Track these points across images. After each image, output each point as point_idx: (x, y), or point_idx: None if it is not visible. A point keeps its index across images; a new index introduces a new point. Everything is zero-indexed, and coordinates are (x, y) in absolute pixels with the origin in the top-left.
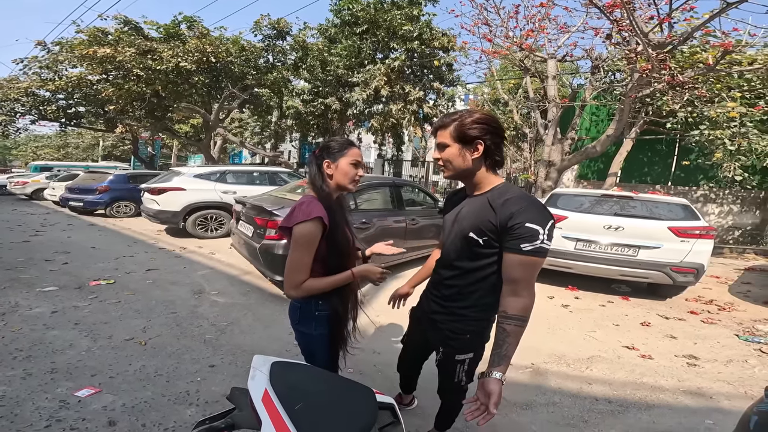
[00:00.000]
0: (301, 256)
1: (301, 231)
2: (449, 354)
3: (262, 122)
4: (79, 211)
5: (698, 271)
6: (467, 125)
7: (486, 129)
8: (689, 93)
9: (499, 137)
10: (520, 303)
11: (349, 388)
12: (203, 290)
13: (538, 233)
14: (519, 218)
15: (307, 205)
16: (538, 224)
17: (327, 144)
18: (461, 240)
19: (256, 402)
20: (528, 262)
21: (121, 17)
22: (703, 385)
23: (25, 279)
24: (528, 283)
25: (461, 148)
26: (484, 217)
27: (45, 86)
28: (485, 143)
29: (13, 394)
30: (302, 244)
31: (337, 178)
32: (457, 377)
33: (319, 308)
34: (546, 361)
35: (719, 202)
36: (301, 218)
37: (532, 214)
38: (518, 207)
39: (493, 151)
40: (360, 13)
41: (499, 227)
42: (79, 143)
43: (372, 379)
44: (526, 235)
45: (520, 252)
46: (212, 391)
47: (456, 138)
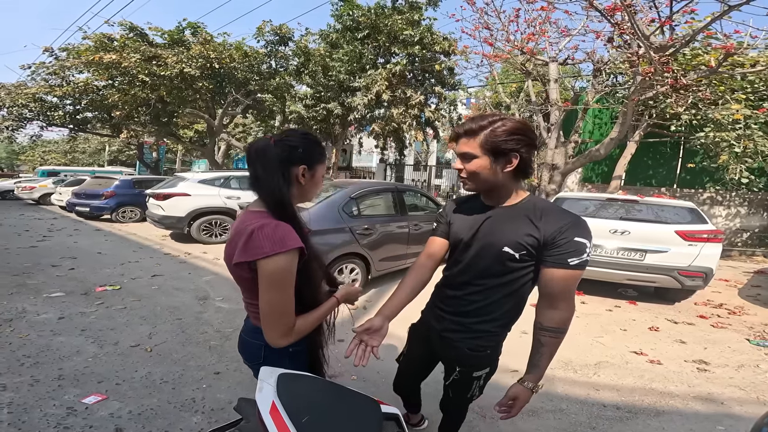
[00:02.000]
0: (285, 297)
1: (274, 268)
2: (467, 372)
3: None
4: (85, 216)
5: (707, 275)
6: (501, 136)
7: (522, 141)
8: (693, 95)
9: (534, 148)
10: (557, 315)
11: (354, 400)
12: (208, 296)
13: (586, 247)
14: (568, 233)
15: (273, 230)
16: (585, 238)
17: (308, 141)
18: (491, 256)
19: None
20: (572, 276)
21: (126, 23)
22: (714, 390)
23: (33, 284)
24: (568, 295)
25: (493, 161)
26: (523, 231)
27: (52, 92)
28: (520, 156)
29: (21, 401)
30: (280, 284)
31: (308, 191)
32: (471, 392)
33: (293, 344)
34: (552, 367)
35: (726, 205)
36: (270, 250)
37: (580, 229)
38: (565, 222)
39: (526, 163)
40: (361, 18)
41: (543, 241)
42: (85, 148)
43: (375, 387)
44: (572, 249)
45: (567, 266)
46: (218, 398)
47: (487, 149)
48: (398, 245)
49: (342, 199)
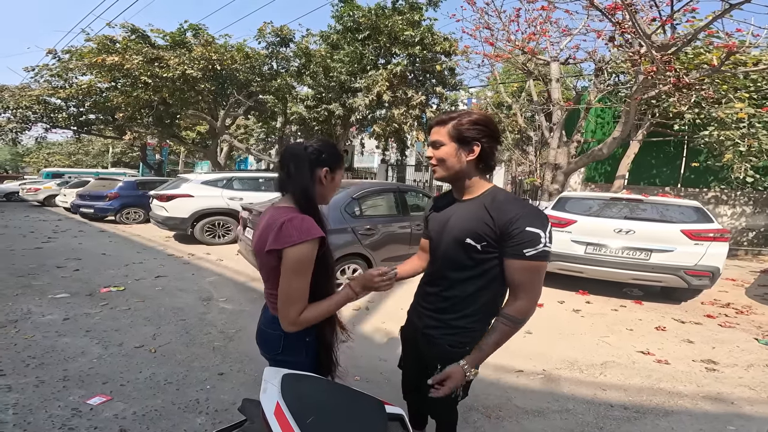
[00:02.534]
0: (302, 285)
1: (299, 254)
2: None
3: (267, 128)
4: (89, 217)
5: (713, 274)
6: (465, 125)
7: (484, 131)
8: (696, 94)
9: (495, 141)
10: (516, 304)
11: (359, 400)
12: (211, 297)
13: (540, 237)
14: (519, 223)
15: (300, 221)
16: (539, 228)
17: (331, 148)
18: (456, 248)
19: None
20: (530, 267)
21: (128, 25)
22: (723, 390)
23: (38, 286)
24: (530, 287)
25: (458, 148)
26: (482, 222)
27: (56, 94)
28: (482, 145)
29: (26, 402)
30: (301, 270)
31: (327, 191)
32: (454, 392)
33: (309, 332)
34: (558, 367)
35: (731, 204)
36: (297, 238)
37: (532, 218)
38: (517, 212)
39: (488, 154)
40: (361, 19)
41: (498, 232)
42: (89, 150)
43: (379, 387)
44: (526, 240)
45: (522, 257)
46: (221, 399)
47: (453, 137)
48: (400, 245)
49: (344, 199)
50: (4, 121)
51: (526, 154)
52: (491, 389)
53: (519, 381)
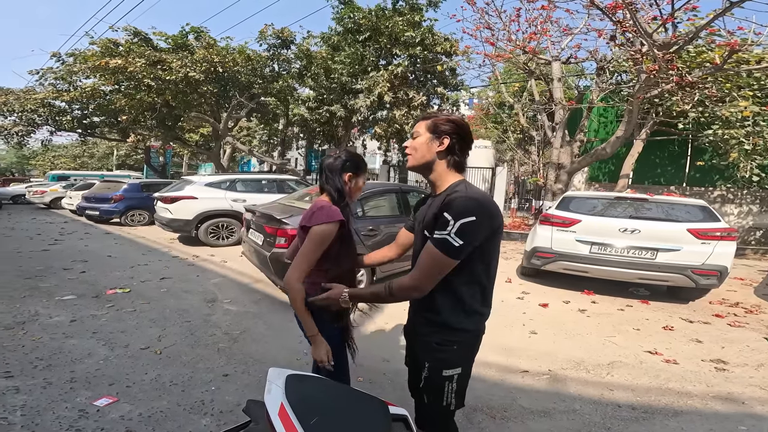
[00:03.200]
0: (313, 254)
1: (320, 230)
2: (436, 368)
3: (269, 130)
4: (95, 219)
5: (721, 273)
6: (441, 121)
7: (455, 128)
8: (699, 93)
9: (464, 141)
10: (404, 279)
11: (362, 401)
12: (216, 299)
13: (448, 224)
14: (443, 206)
15: (329, 208)
16: (452, 216)
17: (355, 159)
18: (420, 241)
19: (273, 416)
20: (430, 250)
21: (131, 28)
22: (733, 390)
23: (45, 288)
24: (423, 271)
25: (431, 138)
26: (436, 214)
27: (60, 97)
28: (450, 139)
29: (34, 404)
30: (318, 242)
31: (353, 192)
32: (446, 399)
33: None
34: (564, 367)
35: (738, 203)
36: (323, 220)
37: (455, 204)
38: (452, 197)
39: (456, 150)
40: (362, 20)
41: None
42: (94, 153)
43: (382, 388)
44: (440, 222)
45: (432, 238)
46: (226, 400)
47: (429, 128)
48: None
49: None
50: (10, 124)
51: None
52: (495, 390)
53: (524, 381)
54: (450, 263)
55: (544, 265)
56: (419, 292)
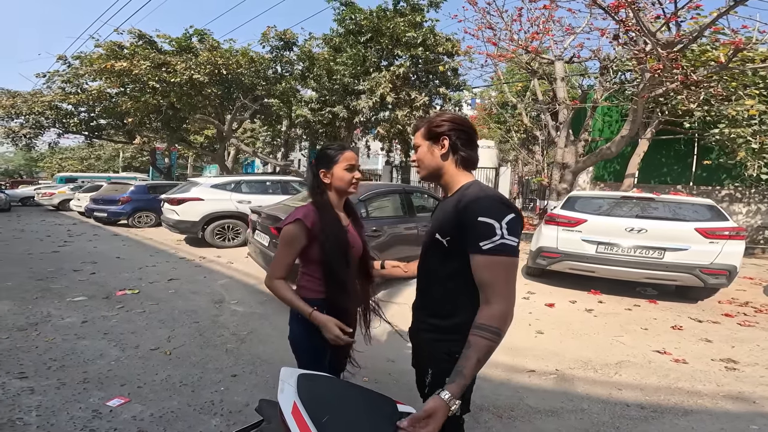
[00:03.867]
0: (280, 254)
1: (283, 231)
2: (439, 376)
3: (273, 132)
4: (103, 221)
5: (730, 272)
6: (435, 122)
7: (450, 125)
8: (704, 92)
9: (466, 134)
10: (490, 311)
11: (372, 399)
12: (223, 300)
13: (494, 228)
14: (470, 212)
15: (296, 210)
16: (491, 217)
17: (320, 153)
18: (429, 244)
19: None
20: (492, 263)
21: (135, 31)
22: (744, 389)
23: (56, 289)
24: (500, 287)
25: (430, 144)
26: (447, 216)
27: (67, 99)
28: (450, 139)
29: (48, 404)
30: (282, 243)
31: (335, 184)
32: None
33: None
34: (571, 367)
35: (746, 202)
36: (286, 221)
37: (483, 206)
38: (470, 199)
39: (460, 147)
40: (363, 21)
41: (458, 225)
42: (101, 155)
43: (387, 388)
44: (480, 231)
45: (480, 251)
46: (235, 401)
47: (425, 136)
48: (407, 246)
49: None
50: (18, 127)
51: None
52: (502, 389)
53: (531, 381)
54: (517, 265)
55: (550, 264)
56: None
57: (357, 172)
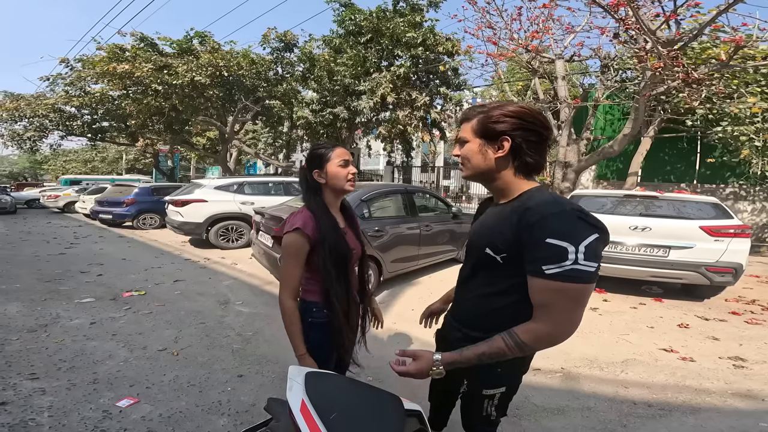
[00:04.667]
0: (288, 267)
1: (285, 241)
2: (475, 387)
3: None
4: (108, 223)
5: (736, 270)
6: (493, 118)
7: (516, 123)
8: (706, 89)
9: (535, 134)
10: (530, 325)
11: (377, 396)
12: (229, 301)
13: (566, 252)
14: (537, 231)
15: (293, 216)
16: (566, 240)
17: (311, 154)
18: (477, 258)
19: (295, 413)
20: (555, 289)
21: (137, 34)
22: (753, 387)
23: (64, 291)
24: (556, 312)
25: (483, 144)
26: (501, 229)
27: (70, 102)
28: (513, 140)
29: (60, 405)
30: (287, 255)
31: (331, 183)
32: (485, 411)
33: (313, 315)
34: (577, 365)
35: (751, 200)
36: (286, 229)
37: (557, 225)
38: (538, 217)
39: (525, 150)
40: (363, 22)
41: (517, 242)
42: (104, 157)
43: (392, 387)
44: (547, 254)
45: (542, 275)
46: (242, 401)
47: (478, 132)
48: (409, 246)
49: (352, 202)
50: (22, 130)
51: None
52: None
53: (536, 379)
54: (590, 291)
55: None
56: (562, 340)
57: (351, 167)
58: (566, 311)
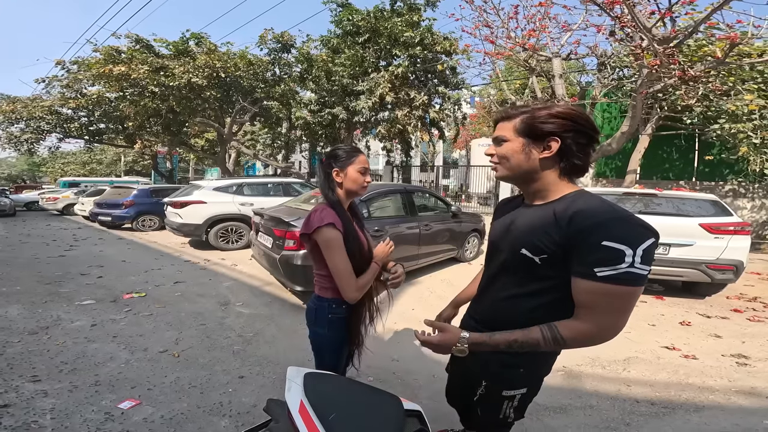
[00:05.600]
0: (339, 262)
1: (326, 236)
2: (494, 389)
3: (273, 134)
4: (107, 225)
5: (737, 268)
6: (541, 118)
7: (567, 125)
8: (703, 87)
9: (586, 137)
10: (571, 323)
11: (377, 397)
12: (229, 302)
13: (623, 255)
14: (594, 235)
15: (320, 212)
16: (624, 243)
17: (334, 152)
18: (512, 258)
19: (294, 413)
20: (604, 291)
21: (132, 36)
22: (757, 384)
23: (65, 293)
24: (600, 314)
25: (527, 143)
26: (544, 231)
27: (67, 104)
28: (564, 141)
29: (62, 407)
30: (334, 247)
31: (347, 185)
32: (502, 413)
33: (333, 311)
34: (579, 364)
35: (750, 197)
36: (317, 224)
37: (615, 229)
38: (594, 220)
39: (574, 152)
40: (361, 22)
41: (565, 245)
42: (102, 159)
43: (392, 387)
44: (601, 256)
45: (593, 277)
46: (243, 402)
47: (522, 131)
48: (409, 246)
49: None
50: (19, 132)
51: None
52: None
53: (555, 379)
54: (639, 295)
55: None
56: (602, 342)
57: (368, 176)
58: (612, 314)
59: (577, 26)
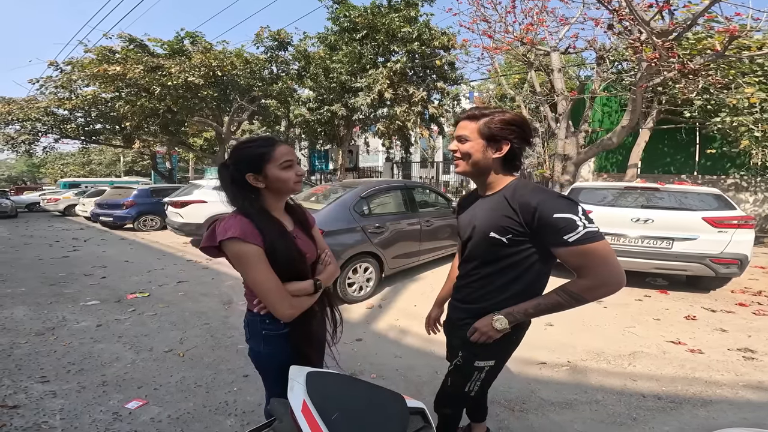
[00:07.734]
0: (262, 275)
1: (232, 250)
2: (469, 358)
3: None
4: (109, 225)
5: (742, 261)
6: (498, 124)
7: (516, 132)
8: (703, 80)
9: (526, 142)
10: (579, 282)
11: (380, 395)
12: (232, 301)
13: (575, 221)
14: (543, 212)
15: (225, 221)
16: (567, 212)
17: (242, 153)
18: (482, 242)
19: (297, 413)
20: (581, 252)
21: (125, 36)
22: (764, 378)
23: (69, 293)
24: (592, 268)
25: (486, 144)
26: (503, 215)
27: (62, 105)
28: (512, 144)
29: (70, 407)
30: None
31: (274, 188)
32: (469, 386)
33: (266, 327)
34: (584, 359)
35: (752, 191)
36: (219, 237)
37: (554, 204)
38: (536, 201)
39: (515, 154)
40: (358, 19)
41: (526, 224)
42: (101, 159)
43: (395, 384)
44: (561, 226)
45: (567, 244)
46: (248, 401)
47: (482, 134)
48: (410, 242)
49: (353, 199)
50: (15, 134)
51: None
52: (513, 382)
53: (542, 373)
54: (608, 244)
55: None
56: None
57: (298, 167)
58: (601, 266)
59: (575, 20)
